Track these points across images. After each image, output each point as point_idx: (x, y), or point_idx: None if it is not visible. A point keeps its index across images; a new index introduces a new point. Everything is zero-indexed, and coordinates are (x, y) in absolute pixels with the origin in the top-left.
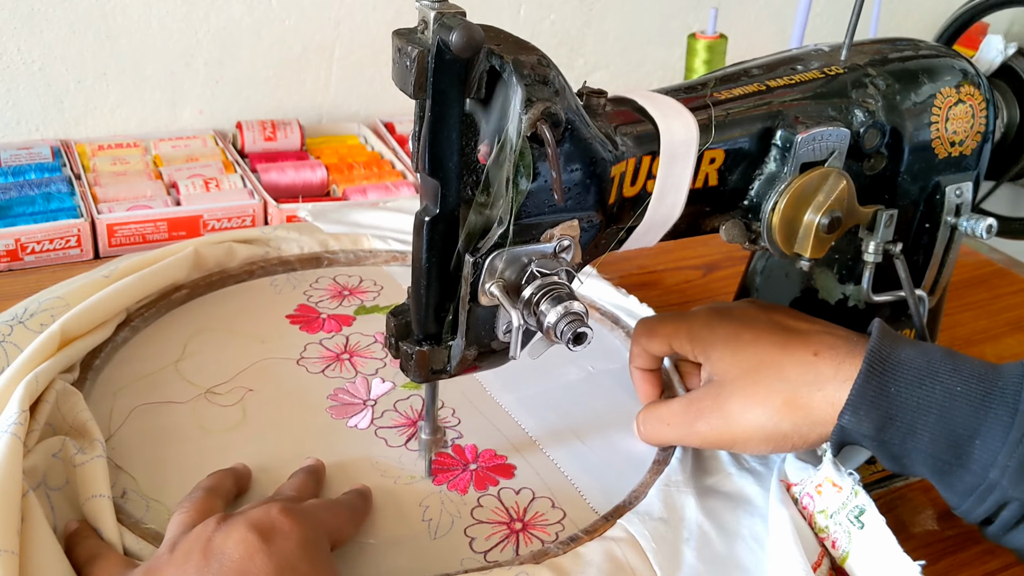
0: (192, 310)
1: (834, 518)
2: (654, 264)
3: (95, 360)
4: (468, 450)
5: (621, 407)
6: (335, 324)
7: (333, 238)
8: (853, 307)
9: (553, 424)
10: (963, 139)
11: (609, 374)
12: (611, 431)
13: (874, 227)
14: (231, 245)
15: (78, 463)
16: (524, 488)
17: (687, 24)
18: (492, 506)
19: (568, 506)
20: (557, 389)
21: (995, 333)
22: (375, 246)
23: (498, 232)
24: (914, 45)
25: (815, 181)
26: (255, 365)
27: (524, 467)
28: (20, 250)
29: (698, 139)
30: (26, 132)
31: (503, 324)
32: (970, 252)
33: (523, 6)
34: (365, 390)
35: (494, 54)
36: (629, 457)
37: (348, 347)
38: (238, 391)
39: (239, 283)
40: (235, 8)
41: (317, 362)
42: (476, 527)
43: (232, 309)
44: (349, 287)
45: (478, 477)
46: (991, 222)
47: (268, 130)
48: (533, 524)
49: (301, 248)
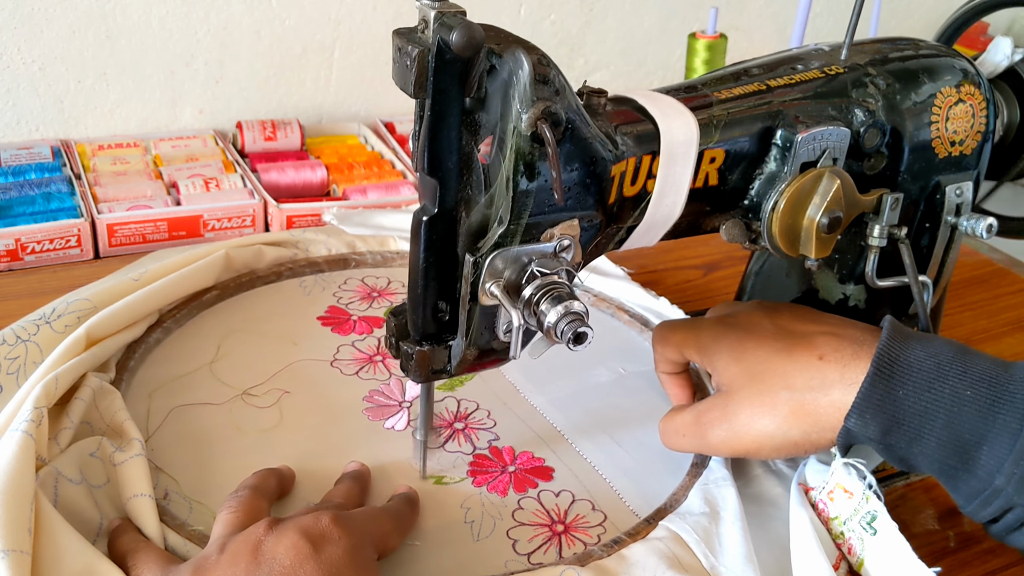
0: (223, 311)
1: (847, 524)
2: (654, 264)
3: (129, 361)
4: (506, 452)
5: (654, 408)
6: (366, 326)
7: (360, 239)
8: (853, 307)
9: (587, 426)
10: (963, 139)
11: (640, 376)
12: (645, 433)
13: (879, 211)
14: (260, 248)
15: (117, 461)
16: (564, 491)
17: (687, 24)
18: (533, 508)
19: (608, 509)
20: (588, 391)
21: (995, 333)
22: (401, 247)
23: (498, 232)
24: (914, 44)
25: (809, 184)
26: (289, 367)
27: (562, 469)
28: (20, 250)
29: (698, 139)
30: (26, 132)
31: (503, 324)
32: (970, 252)
33: (523, 5)
34: (400, 392)
35: (494, 53)
36: (666, 459)
37: (381, 349)
38: (274, 393)
39: (268, 284)
40: (235, 8)
41: (351, 364)
42: (518, 529)
43: (263, 310)
44: (378, 288)
45: (517, 479)
46: (991, 222)
47: (268, 130)
48: (575, 527)
49: (329, 250)
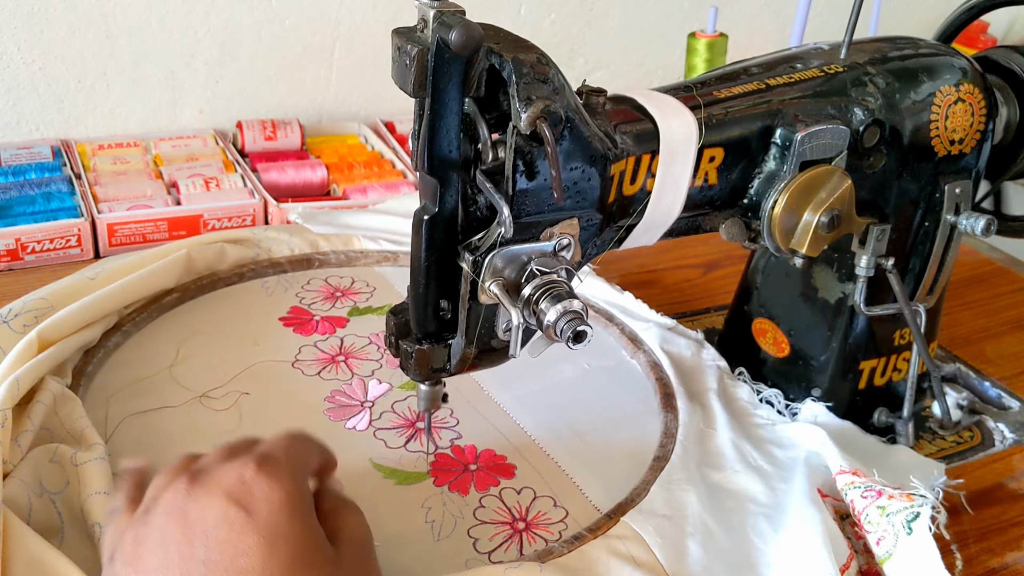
0: (184, 314)
1: (890, 517)
2: (654, 263)
3: (87, 366)
4: (468, 451)
5: (618, 403)
6: (329, 326)
7: (323, 239)
8: (853, 306)
9: (551, 422)
10: (962, 137)
11: (605, 371)
12: (609, 428)
13: (865, 241)
14: (222, 246)
15: (79, 462)
16: (525, 487)
17: (687, 23)
18: (494, 506)
19: (570, 504)
20: (554, 387)
21: (995, 332)
22: (366, 247)
23: (498, 231)
24: (914, 43)
25: (820, 178)
26: (250, 368)
27: (524, 466)
28: (20, 250)
29: (697, 137)
30: (26, 132)
31: (503, 322)
32: (970, 251)
33: (523, 5)
34: (362, 392)
35: (494, 53)
36: (628, 454)
37: (343, 349)
38: (233, 395)
39: (229, 286)
40: (235, 8)
41: (312, 364)
42: (479, 527)
43: (224, 312)
44: (341, 288)
45: (479, 478)
46: (990, 220)
47: (268, 130)
48: (536, 523)
49: (292, 249)
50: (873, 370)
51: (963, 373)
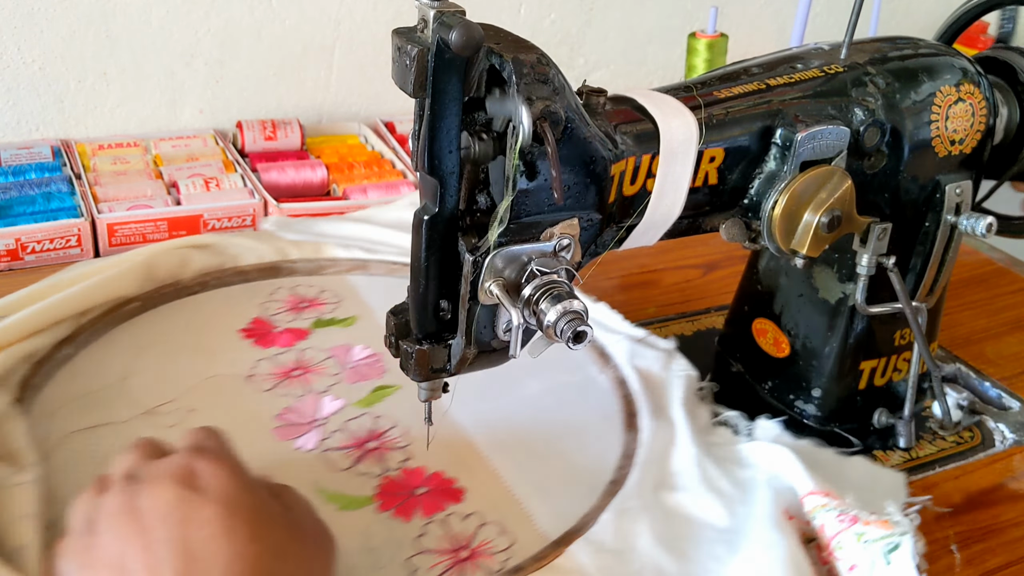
0: (143, 324)
1: (867, 545)
2: (654, 263)
3: (36, 377)
4: (417, 473)
5: (580, 421)
6: (289, 338)
7: (293, 246)
8: (853, 306)
9: (509, 441)
10: (963, 137)
11: (571, 387)
12: (568, 447)
13: (867, 240)
14: (186, 253)
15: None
16: (473, 513)
17: (687, 23)
18: (438, 533)
19: (518, 531)
20: (516, 404)
21: (995, 332)
22: (336, 254)
23: (498, 231)
24: (914, 43)
25: (820, 178)
26: (203, 383)
27: (474, 489)
28: (20, 250)
29: (698, 138)
30: (26, 132)
31: (503, 323)
32: (970, 251)
33: (523, 5)
34: (314, 409)
35: (494, 53)
36: (584, 474)
37: (301, 362)
38: (181, 411)
39: (192, 295)
40: (235, 8)
41: (268, 379)
42: (420, 557)
43: (184, 323)
44: (308, 298)
45: (426, 502)
46: (991, 220)
47: (268, 130)
48: (480, 552)
49: (259, 257)
50: (873, 370)
51: (963, 373)
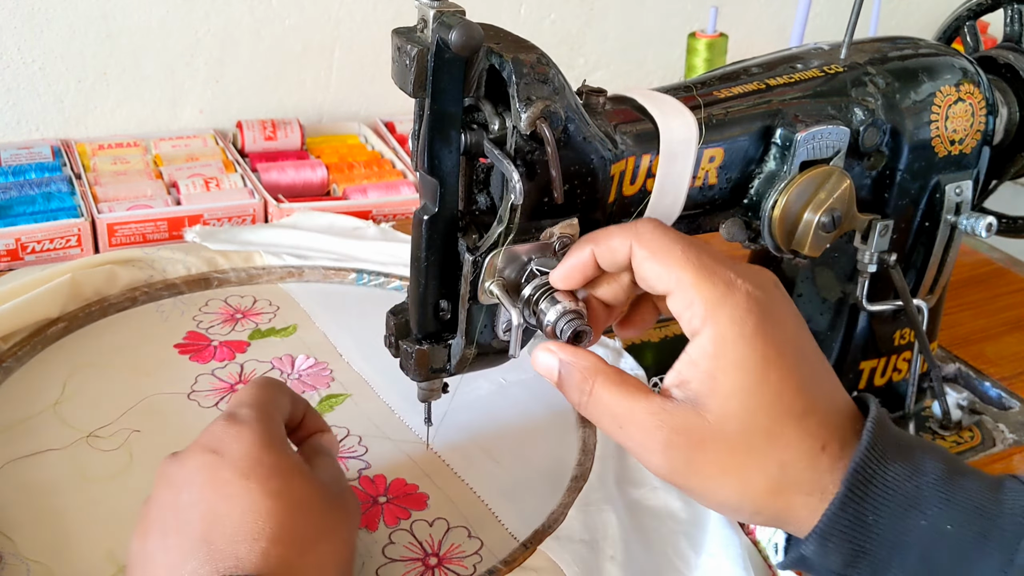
0: (71, 345)
1: None
2: None
3: None
4: (377, 481)
5: (534, 420)
6: (228, 352)
7: (222, 256)
8: (853, 305)
9: (465, 444)
10: (963, 137)
11: (521, 385)
12: (526, 447)
13: (868, 236)
14: (111, 269)
15: None
16: (438, 519)
17: (687, 23)
18: (405, 542)
19: (485, 534)
20: (468, 406)
21: (994, 332)
22: (268, 262)
23: (498, 231)
24: (914, 43)
25: (818, 179)
26: (142, 403)
27: (437, 495)
28: (20, 250)
29: (698, 138)
30: (26, 132)
31: (503, 323)
32: (970, 251)
33: (523, 5)
34: None
35: (494, 53)
36: (546, 474)
37: (243, 376)
38: (123, 433)
39: (121, 312)
40: (235, 8)
41: (210, 395)
42: (389, 567)
43: (115, 341)
44: (242, 309)
45: (389, 511)
46: (991, 221)
47: (268, 129)
48: (449, 558)
49: (188, 269)
50: (873, 370)
51: (963, 373)
